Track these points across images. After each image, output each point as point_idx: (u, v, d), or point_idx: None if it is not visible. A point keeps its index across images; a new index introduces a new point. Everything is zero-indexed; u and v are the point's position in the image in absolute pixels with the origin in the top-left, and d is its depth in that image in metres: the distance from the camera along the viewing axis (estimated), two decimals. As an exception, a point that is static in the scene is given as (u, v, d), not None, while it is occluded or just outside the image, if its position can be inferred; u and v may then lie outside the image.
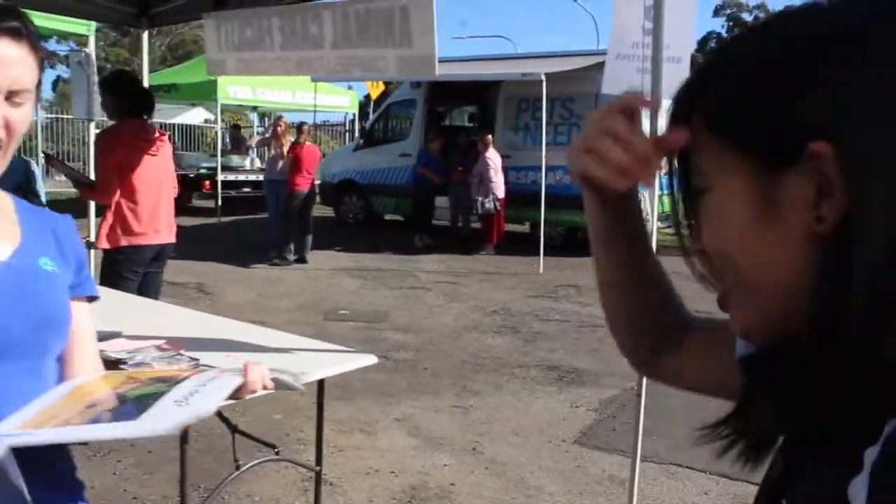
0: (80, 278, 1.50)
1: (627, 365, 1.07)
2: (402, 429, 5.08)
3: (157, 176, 4.98)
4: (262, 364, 1.42)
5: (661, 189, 5.30)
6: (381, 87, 19.41)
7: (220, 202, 15.80)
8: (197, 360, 2.73)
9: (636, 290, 0.99)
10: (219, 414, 3.45)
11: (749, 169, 0.67)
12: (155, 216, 4.95)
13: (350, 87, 22.61)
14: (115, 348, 2.69)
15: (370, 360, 3.16)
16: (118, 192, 4.80)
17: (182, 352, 2.83)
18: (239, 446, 3.53)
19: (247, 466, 3.46)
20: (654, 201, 3.43)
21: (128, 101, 4.92)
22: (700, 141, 0.71)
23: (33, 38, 1.33)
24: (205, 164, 17.83)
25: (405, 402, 5.59)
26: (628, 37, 5.89)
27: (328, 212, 16.14)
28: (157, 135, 5.05)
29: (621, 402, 5.72)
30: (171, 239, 5.14)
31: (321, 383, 3.25)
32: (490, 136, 12.83)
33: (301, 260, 11.46)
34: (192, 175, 17.19)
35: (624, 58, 5.92)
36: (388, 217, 16.05)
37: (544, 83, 11.72)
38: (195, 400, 1.28)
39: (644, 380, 3.69)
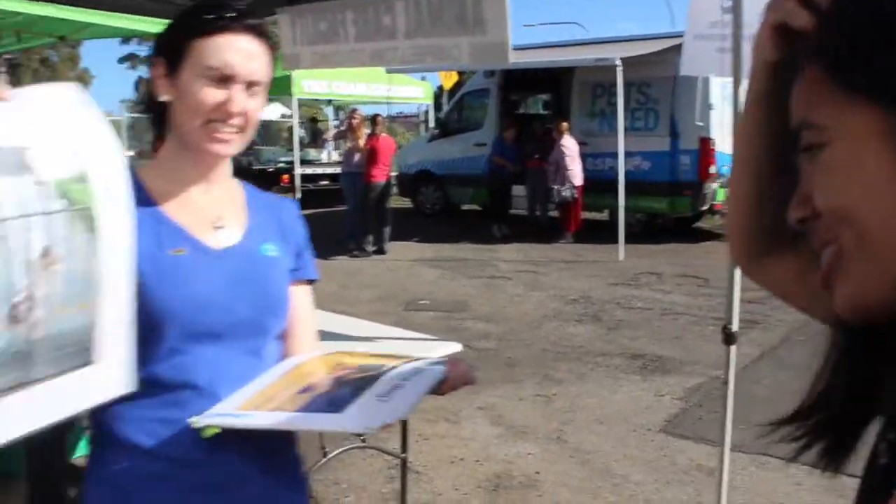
0: (301, 262, 1.60)
1: (712, 353, 1.03)
2: (485, 417, 5.08)
3: None
4: (464, 361, 1.46)
5: None
6: (455, 78, 19.43)
7: (298, 196, 16.03)
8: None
9: (767, 169, 0.90)
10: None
11: (882, 118, 0.62)
12: None
13: (423, 78, 22.64)
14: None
15: (455, 347, 3.17)
16: None
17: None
18: (326, 434, 3.58)
19: (333, 454, 3.52)
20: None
21: None
22: (816, 92, 0.67)
23: (269, 37, 1.47)
24: (283, 159, 18.09)
25: (488, 390, 5.58)
26: (706, 16, 5.74)
27: (406, 203, 16.23)
28: None
29: (707, 390, 5.61)
30: None
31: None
32: (565, 124, 12.71)
33: (380, 251, 11.55)
34: (270, 169, 17.46)
35: (702, 38, 5.77)
36: (465, 207, 16.05)
37: (619, 68, 11.54)
38: (397, 396, 1.32)
39: (732, 367, 3.61)
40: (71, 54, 43.38)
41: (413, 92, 19.43)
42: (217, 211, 1.49)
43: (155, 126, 1.49)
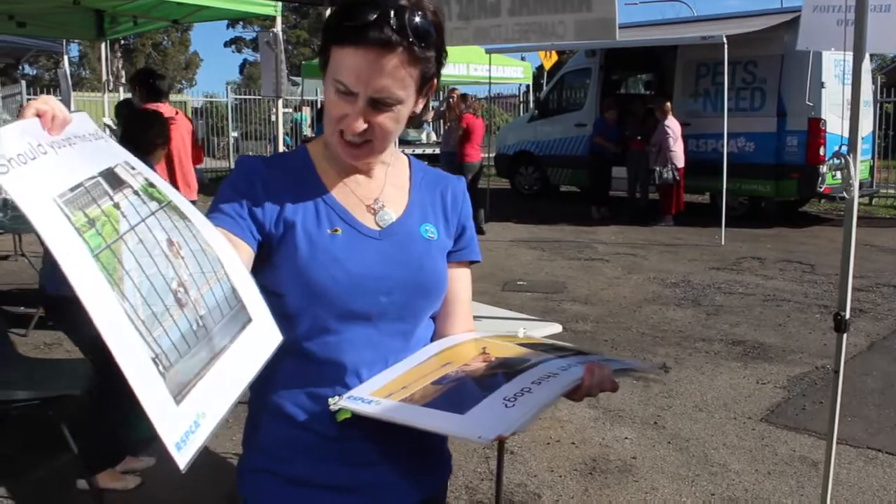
0: (463, 243, 1.59)
1: (817, 341, 0.98)
2: (583, 401, 5.04)
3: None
4: (606, 367, 1.39)
5: (861, 155, 4.86)
6: (555, 58, 19.19)
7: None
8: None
9: None
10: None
11: None
12: (167, 176, 5.59)
13: (523, 58, 22.48)
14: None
15: (555, 328, 3.17)
16: None
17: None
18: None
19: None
20: (857, 168, 3.18)
21: (146, 89, 5.97)
22: None
23: (412, 44, 1.32)
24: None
25: (584, 374, 5.55)
26: (828, -14, 5.55)
27: (504, 184, 16.21)
28: (173, 114, 5.75)
29: (811, 379, 5.46)
30: (192, 197, 5.84)
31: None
32: (668, 104, 12.47)
33: (478, 231, 11.56)
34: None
35: (823, 9, 5.56)
36: (563, 188, 15.94)
37: (725, 46, 11.25)
38: (523, 401, 1.27)
39: (843, 356, 3.50)
40: (182, 38, 44.73)
41: (513, 72, 19.33)
42: (377, 191, 1.50)
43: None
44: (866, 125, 12.97)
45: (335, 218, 1.44)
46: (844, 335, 3.50)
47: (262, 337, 1.28)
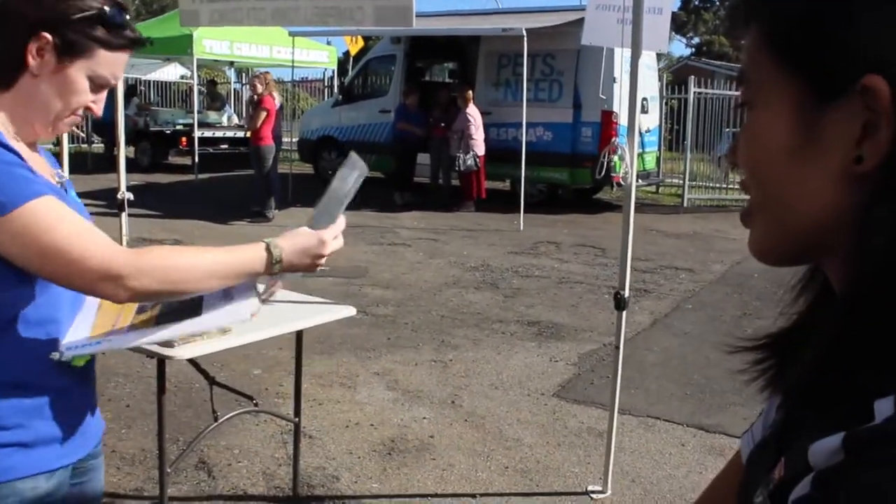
0: None
1: (606, 320, 1.04)
2: (381, 382, 5.08)
3: None
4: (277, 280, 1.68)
5: (642, 147, 5.31)
6: (361, 43, 19.15)
7: (196, 159, 15.61)
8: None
9: None
10: (196, 367, 3.44)
11: (796, 95, 0.63)
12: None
13: (329, 43, 22.28)
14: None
15: (349, 311, 3.15)
16: None
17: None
18: (218, 401, 3.52)
19: (225, 418, 3.45)
20: (633, 158, 3.38)
21: None
22: (754, 53, 0.67)
23: None
24: (181, 121, 17.58)
25: (385, 356, 5.59)
26: (610, -12, 5.85)
27: (307, 169, 16.02)
28: None
29: (600, 356, 5.74)
30: None
31: (300, 335, 3.25)
32: (470, 92, 12.71)
33: (265, 218, 11.22)
34: (168, 132, 16.97)
35: (605, 8, 5.88)
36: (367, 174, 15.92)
37: (525, 39, 11.61)
38: (238, 293, 1.56)
39: (623, 332, 3.71)
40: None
41: (318, 56, 19.09)
42: (47, 167, 1.60)
43: None
44: (653, 119, 13.80)
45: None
46: (624, 312, 3.71)
47: None
